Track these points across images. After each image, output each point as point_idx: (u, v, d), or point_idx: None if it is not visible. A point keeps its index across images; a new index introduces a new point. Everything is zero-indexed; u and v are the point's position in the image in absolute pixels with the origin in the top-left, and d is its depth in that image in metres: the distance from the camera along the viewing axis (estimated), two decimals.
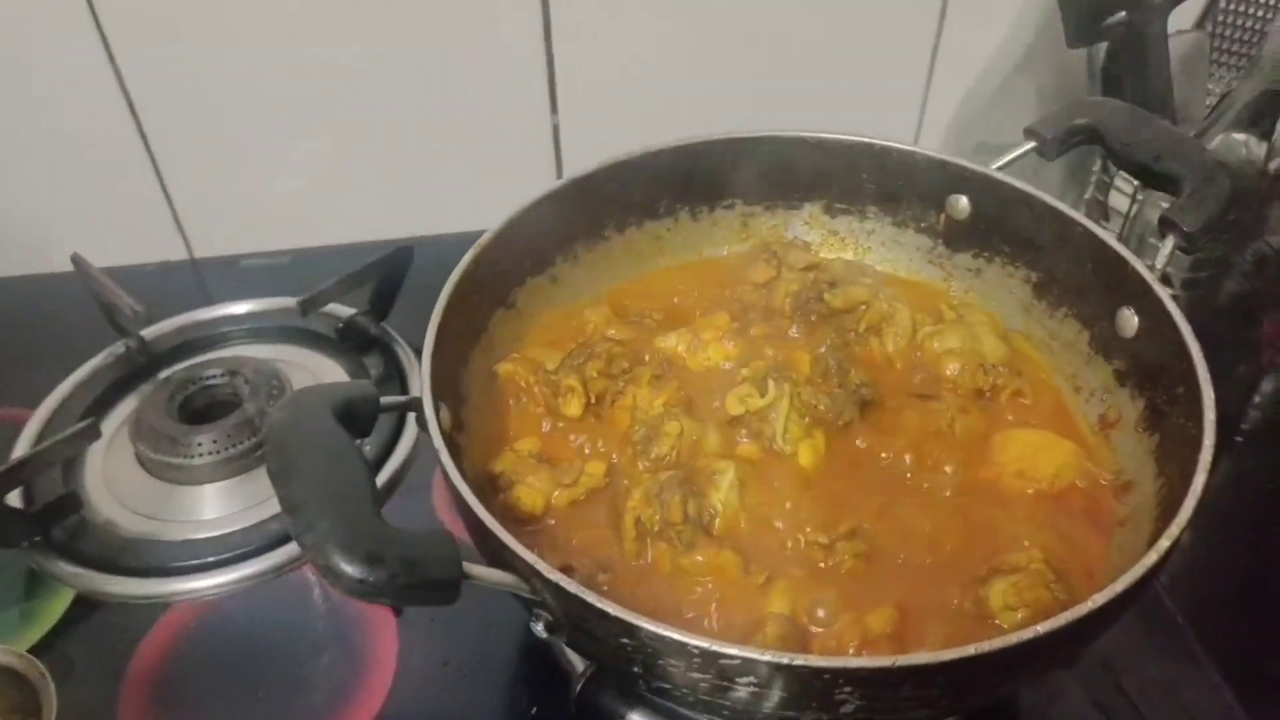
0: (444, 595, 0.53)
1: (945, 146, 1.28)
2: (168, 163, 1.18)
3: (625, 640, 0.54)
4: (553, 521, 0.71)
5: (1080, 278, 0.81)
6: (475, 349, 0.81)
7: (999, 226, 0.87)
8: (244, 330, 1.15)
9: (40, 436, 1.01)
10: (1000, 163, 0.85)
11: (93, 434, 0.94)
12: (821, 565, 0.68)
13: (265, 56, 1.12)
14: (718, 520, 0.70)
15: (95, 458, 1.00)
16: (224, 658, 0.83)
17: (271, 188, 1.22)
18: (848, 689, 0.52)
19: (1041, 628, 0.51)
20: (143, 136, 1.16)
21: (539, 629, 0.58)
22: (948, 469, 0.75)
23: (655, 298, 0.91)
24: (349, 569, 0.51)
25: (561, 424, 0.78)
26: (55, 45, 1.08)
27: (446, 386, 0.73)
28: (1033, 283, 0.86)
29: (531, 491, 0.71)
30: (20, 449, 0.99)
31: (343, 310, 1.14)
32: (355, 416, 0.61)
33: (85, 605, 0.87)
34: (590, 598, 0.54)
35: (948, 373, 0.82)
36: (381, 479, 0.95)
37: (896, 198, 0.92)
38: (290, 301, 1.10)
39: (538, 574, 0.55)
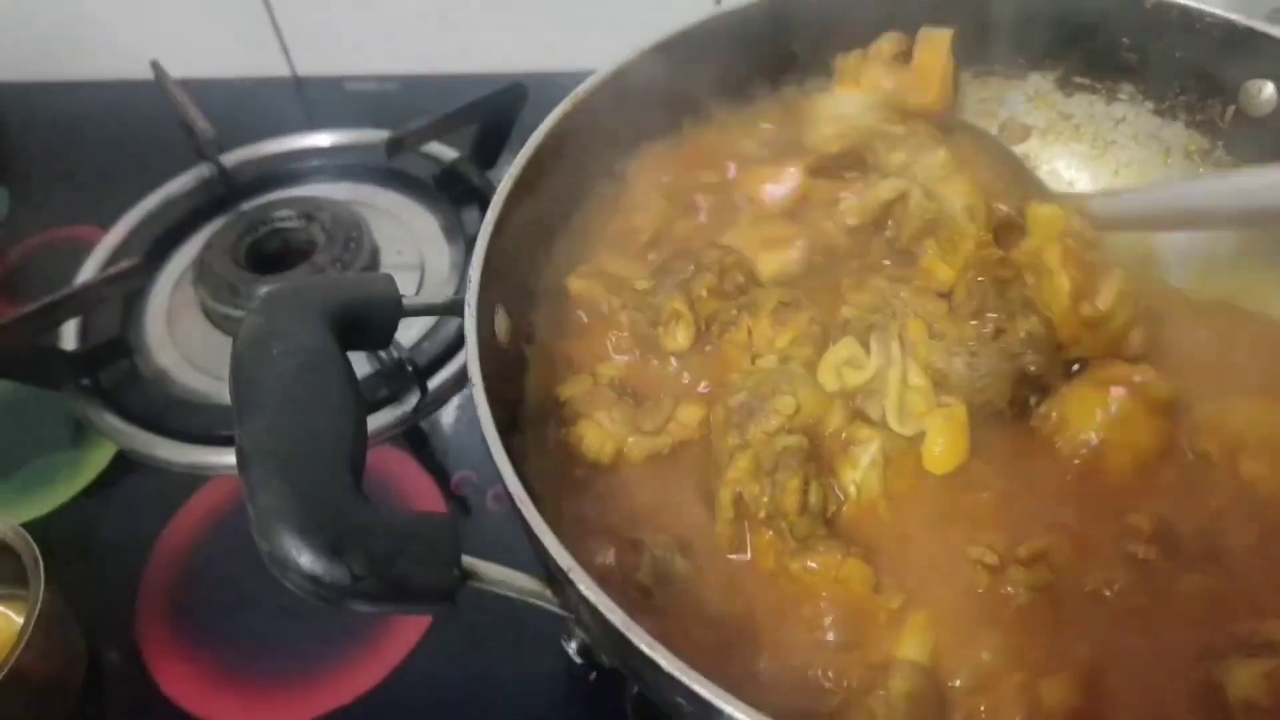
0: (431, 604, 0.38)
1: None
2: None
3: (682, 701, 0.38)
4: (624, 477, 0.53)
5: None
6: (562, 235, 0.63)
7: None
8: (333, 165, 1.01)
9: (109, 262, 0.92)
10: None
11: (142, 274, 0.83)
12: (982, 593, 0.49)
13: None
14: (845, 508, 0.51)
15: (159, 297, 0.90)
16: (253, 552, 0.72)
17: (382, 3, 1.05)
18: None
19: None
20: None
21: (572, 650, 0.42)
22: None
23: None
24: (300, 560, 0.36)
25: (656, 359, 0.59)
26: None
27: (514, 284, 0.56)
28: None
29: (600, 432, 0.53)
30: (85, 274, 0.91)
31: (446, 153, 0.99)
32: (362, 326, 0.45)
33: (123, 464, 0.79)
34: (637, 639, 0.37)
35: None
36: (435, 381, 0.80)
37: (1166, 75, 0.66)
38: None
39: (572, 585, 0.39)
